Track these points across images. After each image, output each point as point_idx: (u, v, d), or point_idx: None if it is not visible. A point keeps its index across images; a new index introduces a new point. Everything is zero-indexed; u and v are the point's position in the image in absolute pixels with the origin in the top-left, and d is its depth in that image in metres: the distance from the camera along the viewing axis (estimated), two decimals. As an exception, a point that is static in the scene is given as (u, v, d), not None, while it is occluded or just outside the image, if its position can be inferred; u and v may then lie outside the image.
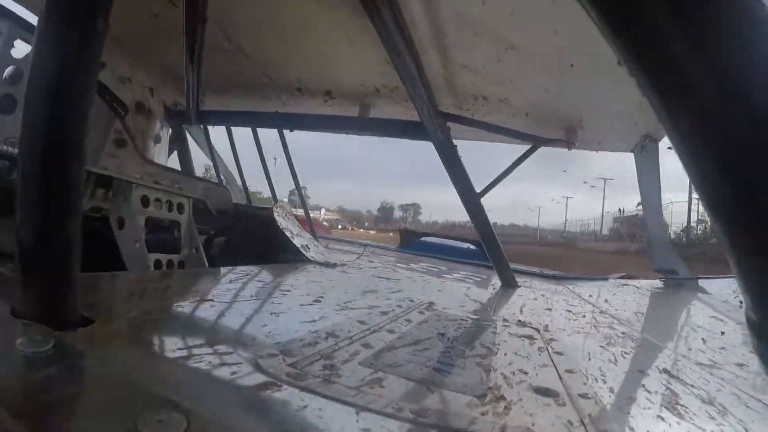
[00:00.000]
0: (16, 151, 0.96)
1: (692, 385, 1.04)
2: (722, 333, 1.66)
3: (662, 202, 3.02)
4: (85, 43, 0.75)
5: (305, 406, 0.63)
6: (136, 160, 1.88)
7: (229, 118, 3.20)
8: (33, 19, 1.92)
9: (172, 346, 0.84)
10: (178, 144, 3.29)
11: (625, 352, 1.31)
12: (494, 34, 1.84)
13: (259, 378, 0.70)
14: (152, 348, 0.84)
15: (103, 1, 0.77)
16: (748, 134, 0.37)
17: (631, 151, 2.80)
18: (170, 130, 2.94)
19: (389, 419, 0.63)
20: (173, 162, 3.16)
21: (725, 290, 2.46)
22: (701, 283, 2.82)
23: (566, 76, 2.04)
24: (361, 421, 0.61)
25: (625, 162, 3.03)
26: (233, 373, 0.71)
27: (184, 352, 0.80)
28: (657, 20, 0.37)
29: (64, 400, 0.56)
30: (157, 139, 2.46)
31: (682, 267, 2.94)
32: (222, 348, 0.82)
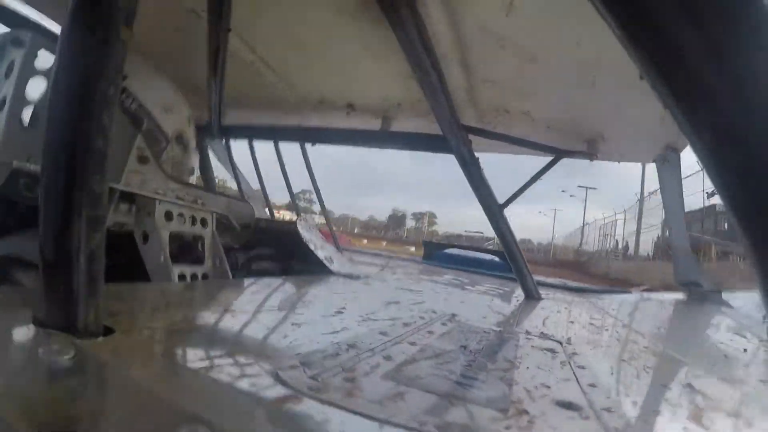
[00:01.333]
0: (38, 168, 0.97)
1: (718, 400, 1.03)
2: (745, 350, 1.63)
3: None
4: (108, 53, 0.77)
5: (327, 420, 0.63)
6: (159, 176, 1.89)
7: (251, 132, 3.22)
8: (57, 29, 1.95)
9: (194, 357, 0.85)
10: (200, 159, 3.31)
11: (648, 367, 1.30)
12: (517, 48, 1.84)
13: (280, 390, 0.70)
14: (173, 359, 0.84)
15: (127, 11, 0.78)
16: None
17: (653, 162, 2.79)
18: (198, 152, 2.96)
19: None
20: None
21: (749, 304, 2.43)
22: (725, 296, 2.79)
23: (588, 88, 2.04)
24: None
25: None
26: (254, 385, 0.72)
27: (205, 363, 0.80)
28: (677, 32, 0.38)
29: (85, 411, 0.57)
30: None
31: (706, 279, 2.91)
32: (243, 359, 0.83)
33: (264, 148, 3.47)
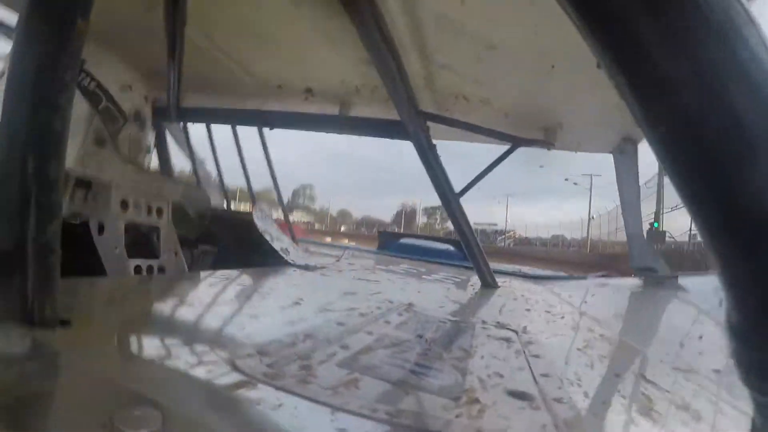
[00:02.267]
0: None
1: (667, 390, 1.04)
2: (700, 337, 1.65)
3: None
4: (66, 40, 0.75)
5: (280, 405, 0.63)
6: (116, 160, 1.87)
7: (209, 116, 3.19)
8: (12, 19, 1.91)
9: (150, 346, 0.85)
10: (158, 143, 3.28)
11: (602, 356, 1.32)
12: (474, 34, 1.84)
13: (235, 377, 0.70)
14: (130, 349, 0.84)
15: (83, 4, 0.77)
16: (726, 135, 0.37)
17: (611, 153, 2.81)
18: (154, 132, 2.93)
19: (364, 419, 0.63)
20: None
21: (705, 288, 2.46)
22: (681, 281, 2.83)
23: (546, 76, 2.05)
24: (336, 421, 0.62)
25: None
26: (210, 372, 0.71)
27: (162, 353, 0.80)
28: (634, 21, 0.37)
29: (42, 398, 0.57)
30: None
31: (661, 265, 2.95)
32: (200, 348, 0.83)
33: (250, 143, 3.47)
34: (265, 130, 3.28)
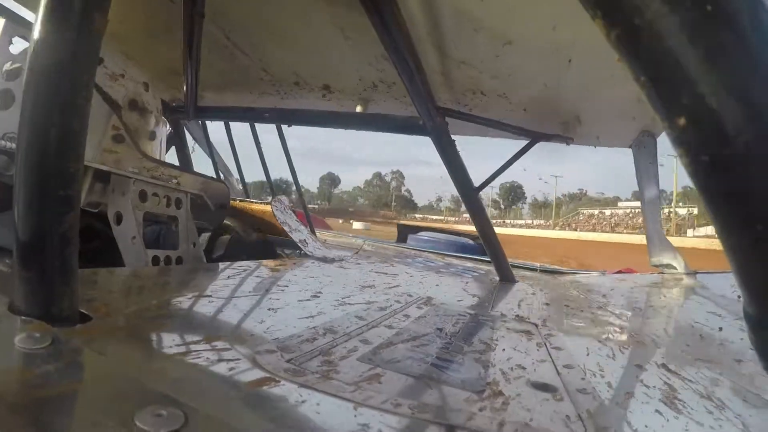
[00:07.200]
0: (14, 146, 0.95)
1: (690, 380, 1.04)
2: (720, 329, 1.65)
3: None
4: (83, 39, 0.75)
5: (303, 402, 0.63)
6: (135, 155, 1.87)
7: (226, 114, 3.20)
8: (30, 16, 1.92)
9: (170, 342, 0.84)
10: (176, 139, 3.29)
11: (623, 347, 1.31)
12: (492, 29, 1.84)
13: (257, 374, 0.70)
14: (150, 344, 0.84)
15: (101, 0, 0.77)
16: (745, 128, 0.37)
17: (629, 147, 2.80)
18: (168, 125, 2.93)
19: (387, 414, 0.63)
20: (171, 158, 3.17)
21: (723, 285, 2.44)
22: (699, 277, 2.81)
23: (565, 71, 2.04)
24: (359, 416, 0.62)
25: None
26: (231, 369, 0.71)
27: (182, 348, 0.80)
28: (653, 12, 0.37)
29: (62, 397, 0.56)
30: (152, 136, 2.44)
31: (680, 261, 2.94)
32: (220, 344, 0.83)
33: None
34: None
